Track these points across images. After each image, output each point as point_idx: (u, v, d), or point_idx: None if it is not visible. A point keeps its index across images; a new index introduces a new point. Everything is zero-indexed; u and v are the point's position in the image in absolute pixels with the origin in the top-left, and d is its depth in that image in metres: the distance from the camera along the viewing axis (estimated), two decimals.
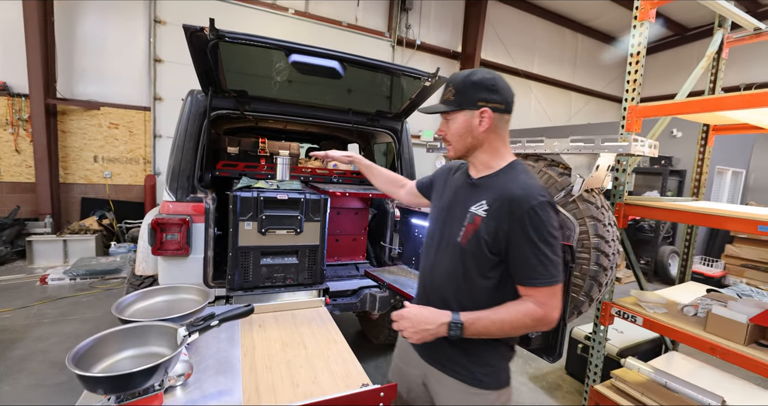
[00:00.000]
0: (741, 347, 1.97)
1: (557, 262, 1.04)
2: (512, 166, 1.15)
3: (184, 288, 1.40)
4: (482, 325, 1.04)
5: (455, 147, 1.17)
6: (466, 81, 1.11)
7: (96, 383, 0.87)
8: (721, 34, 2.76)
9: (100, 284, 4.68)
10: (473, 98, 1.10)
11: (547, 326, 1.05)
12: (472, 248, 1.10)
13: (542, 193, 1.04)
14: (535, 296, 1.04)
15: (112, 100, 5.92)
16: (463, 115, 1.12)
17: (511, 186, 1.07)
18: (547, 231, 1.02)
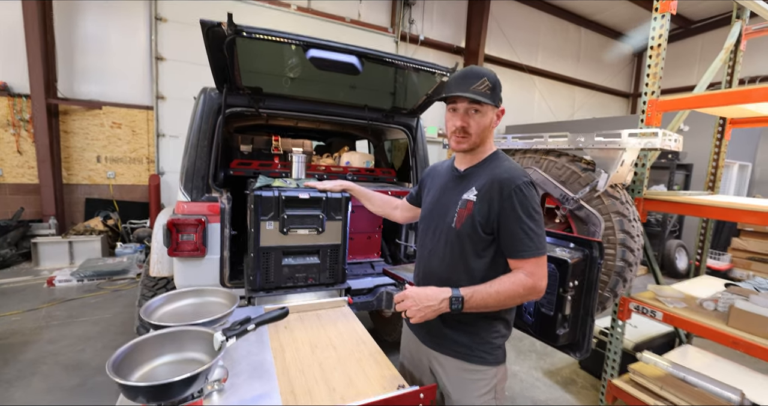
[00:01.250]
0: (766, 341, 1.96)
1: (542, 235, 1.15)
2: (495, 155, 1.27)
3: (210, 291, 1.38)
4: (480, 297, 1.11)
5: (474, 140, 1.22)
6: (496, 80, 1.21)
7: (137, 392, 0.85)
8: (739, 26, 2.73)
9: (107, 284, 4.65)
10: (499, 97, 1.22)
11: (536, 295, 1.14)
12: (467, 230, 1.19)
13: (525, 175, 1.17)
14: (524, 267, 1.14)
15: (114, 100, 5.86)
16: (492, 110, 1.22)
17: (498, 171, 1.18)
18: (532, 208, 1.13)
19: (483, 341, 1.24)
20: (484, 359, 1.24)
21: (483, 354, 1.24)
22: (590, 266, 1.56)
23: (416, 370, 1.42)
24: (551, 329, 1.62)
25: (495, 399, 1.27)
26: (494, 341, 1.25)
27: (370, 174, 2.84)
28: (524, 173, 1.17)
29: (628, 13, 10.36)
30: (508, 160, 1.24)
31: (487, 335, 1.24)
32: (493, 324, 1.24)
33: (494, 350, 1.25)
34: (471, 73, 1.19)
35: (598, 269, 1.57)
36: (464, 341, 1.25)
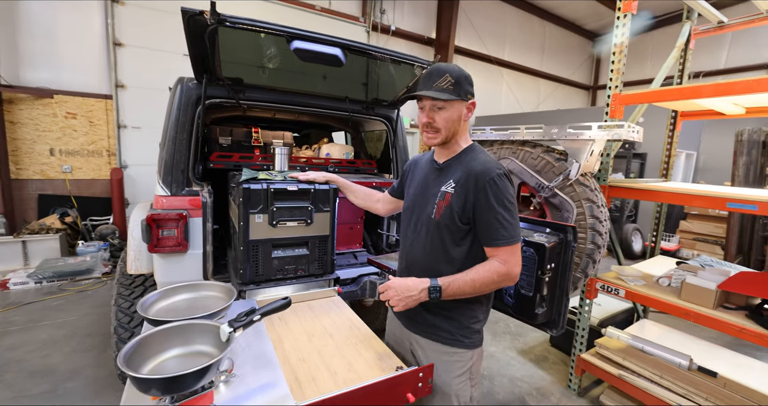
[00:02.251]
0: (711, 310, 2.21)
1: (515, 224, 1.20)
2: (471, 148, 1.32)
3: (206, 285, 1.37)
4: (457, 286, 1.17)
5: (444, 135, 1.27)
6: (461, 74, 1.24)
7: (150, 384, 0.85)
8: (688, 27, 2.96)
9: (70, 285, 4.40)
10: (466, 91, 1.24)
11: (510, 281, 1.20)
12: (446, 221, 1.25)
13: (499, 167, 1.22)
14: (498, 255, 1.19)
15: (67, 88, 5.42)
16: (458, 105, 1.24)
17: (473, 164, 1.24)
18: (505, 198, 1.18)
19: (462, 326, 1.30)
20: (461, 343, 1.31)
21: (461, 338, 1.31)
22: (565, 249, 1.68)
23: (399, 352, 1.49)
24: (530, 308, 1.74)
25: (470, 379, 1.34)
26: (472, 326, 1.32)
27: (352, 165, 2.86)
28: (498, 166, 1.23)
29: (587, 7, 10.82)
30: (483, 153, 1.30)
31: (466, 320, 1.31)
32: (472, 309, 1.31)
33: (472, 335, 1.32)
34: (435, 71, 1.24)
35: (572, 252, 1.70)
36: (444, 326, 1.31)
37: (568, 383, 2.88)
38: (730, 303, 2.31)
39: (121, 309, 2.31)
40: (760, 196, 2.00)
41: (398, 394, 1.16)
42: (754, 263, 4.35)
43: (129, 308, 2.32)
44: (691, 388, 2.36)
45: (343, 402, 1.04)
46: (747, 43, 9.48)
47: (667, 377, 2.44)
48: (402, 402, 1.16)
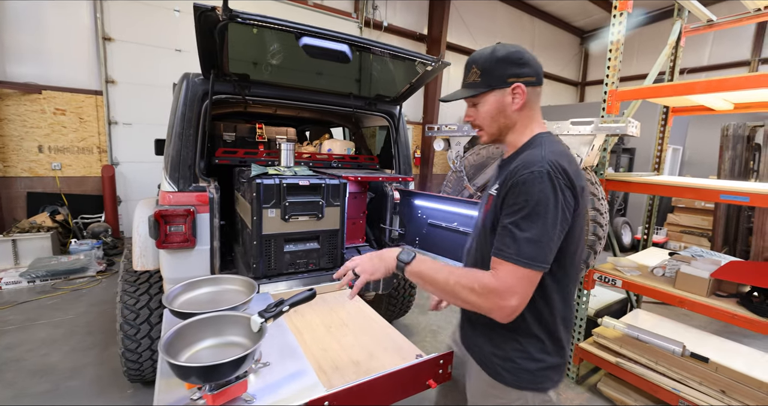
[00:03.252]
0: (704, 298, 2.31)
1: (534, 241, 0.89)
2: (531, 140, 1.06)
3: (227, 279, 1.39)
4: (427, 267, 1.00)
5: (488, 131, 1.11)
6: (491, 58, 1.03)
7: (190, 372, 0.88)
8: (679, 25, 3.05)
9: (64, 284, 4.33)
10: (502, 75, 1.02)
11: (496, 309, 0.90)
12: (487, 227, 1.06)
13: (539, 164, 0.92)
14: (496, 269, 0.93)
15: (55, 83, 5.29)
16: (494, 95, 1.04)
17: (518, 161, 1.00)
18: (531, 202, 0.90)
19: (505, 356, 1.06)
20: (501, 377, 1.06)
21: (502, 370, 1.06)
22: None
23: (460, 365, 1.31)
24: None
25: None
26: (518, 362, 1.04)
27: (354, 161, 2.88)
28: (541, 162, 0.93)
29: (576, 5, 10.97)
30: (538, 147, 1.01)
31: (511, 351, 1.05)
32: (519, 341, 1.04)
33: (518, 372, 1.04)
34: (465, 66, 1.10)
35: None
36: (486, 348, 1.10)
37: (567, 372, 2.98)
38: (721, 291, 2.41)
39: (126, 306, 2.30)
40: (752, 188, 2.10)
41: (420, 381, 1.20)
42: (739, 253, 4.53)
43: (135, 305, 2.31)
44: (685, 373, 2.46)
45: (370, 389, 1.07)
46: (729, 40, 9.76)
47: (662, 364, 2.54)
48: (424, 388, 1.21)
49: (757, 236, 4.28)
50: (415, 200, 2.59)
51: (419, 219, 2.59)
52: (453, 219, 2.33)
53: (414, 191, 2.59)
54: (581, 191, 0.96)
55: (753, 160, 4.44)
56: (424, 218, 2.55)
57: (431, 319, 3.86)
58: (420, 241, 2.60)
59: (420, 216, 2.58)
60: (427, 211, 2.53)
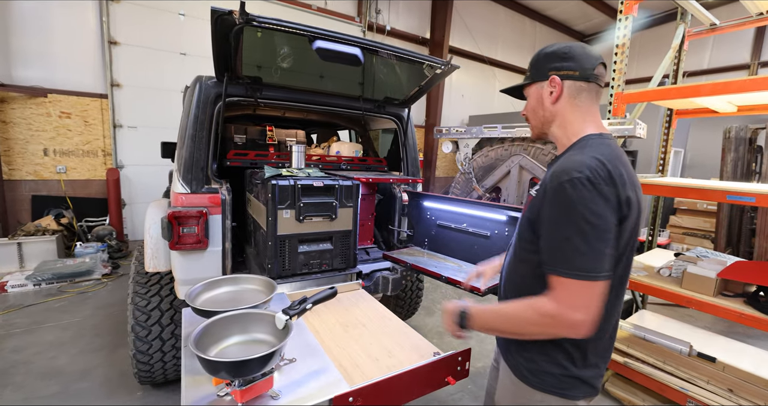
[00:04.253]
0: (711, 298, 2.33)
1: (588, 252, 0.86)
2: (579, 141, 1.01)
3: (246, 278, 1.41)
4: (487, 318, 0.99)
5: (532, 124, 1.12)
6: (540, 54, 1.06)
7: (220, 367, 0.89)
8: (682, 28, 3.09)
9: (70, 287, 4.33)
10: (544, 69, 1.03)
11: (565, 329, 0.88)
12: (522, 229, 1.05)
13: (579, 170, 0.88)
14: (551, 288, 0.90)
15: (61, 87, 5.32)
16: (535, 87, 1.06)
17: (559, 162, 0.97)
18: (577, 212, 0.86)
19: (529, 357, 1.04)
20: (526, 378, 1.05)
21: (524, 371, 1.05)
22: None
23: None
24: None
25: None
26: (544, 367, 1.02)
27: (363, 163, 2.91)
28: (581, 167, 0.89)
29: (576, 9, 11.07)
30: (580, 150, 0.97)
31: (537, 355, 1.03)
32: (547, 349, 1.01)
33: (542, 375, 1.02)
34: None
35: None
36: (512, 347, 1.09)
37: None
38: (728, 291, 2.43)
39: (138, 307, 2.32)
40: (758, 189, 2.13)
41: (439, 377, 1.22)
42: (742, 254, 4.55)
43: (146, 307, 2.32)
44: (693, 372, 2.48)
45: (392, 385, 1.09)
46: (729, 44, 9.84)
47: (669, 363, 2.56)
48: (443, 385, 1.22)
49: (761, 237, 4.31)
50: (424, 202, 2.61)
51: (428, 220, 2.61)
52: (462, 220, 2.35)
53: (423, 193, 2.61)
54: (626, 200, 0.90)
55: (755, 162, 4.47)
56: (433, 220, 2.57)
57: (438, 321, 3.87)
58: (429, 242, 2.62)
59: (429, 217, 2.60)
60: (436, 212, 2.55)
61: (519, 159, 2.07)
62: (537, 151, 2.19)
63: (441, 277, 2.01)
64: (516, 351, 1.07)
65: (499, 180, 3.15)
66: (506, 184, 2.98)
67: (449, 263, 2.32)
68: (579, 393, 1.01)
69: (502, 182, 3.14)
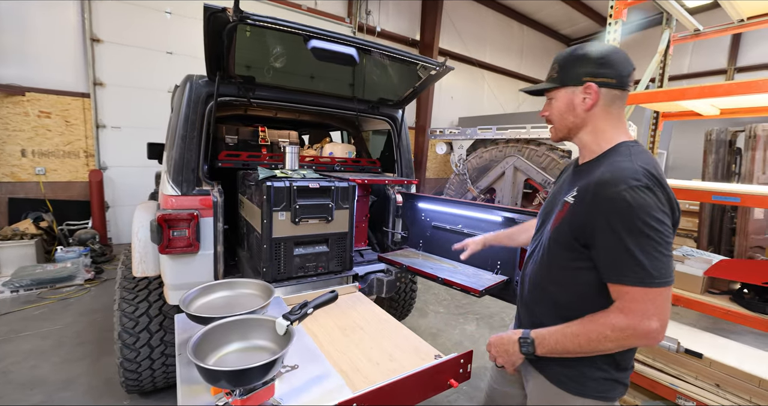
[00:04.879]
0: (699, 295, 2.39)
1: (655, 259, 0.85)
2: (615, 148, 1.00)
3: (242, 283, 1.37)
4: (555, 340, 0.97)
5: (556, 127, 1.10)
6: (570, 56, 1.04)
7: (220, 376, 0.86)
8: (668, 34, 3.17)
9: (50, 293, 4.17)
10: (578, 73, 1.01)
11: (642, 339, 0.87)
12: (558, 235, 1.03)
13: (636, 177, 0.88)
14: (620, 299, 0.89)
15: (40, 85, 5.13)
16: (565, 92, 1.04)
17: (603, 170, 0.94)
18: (640, 220, 0.85)
19: (568, 364, 1.04)
20: (562, 383, 1.05)
21: (563, 377, 1.05)
22: None
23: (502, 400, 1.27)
24: None
25: None
26: (586, 372, 1.02)
27: (357, 164, 2.89)
28: (635, 174, 0.88)
29: (562, 13, 11.29)
30: (625, 156, 0.95)
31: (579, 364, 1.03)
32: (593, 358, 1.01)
33: (587, 382, 1.02)
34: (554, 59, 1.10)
35: None
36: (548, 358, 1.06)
37: None
38: (714, 288, 2.50)
39: (125, 314, 2.24)
40: (742, 189, 2.19)
41: (442, 380, 1.20)
42: (723, 252, 4.69)
43: (134, 313, 2.25)
44: (681, 369, 2.53)
45: (396, 389, 1.07)
46: (707, 50, 10.18)
47: (659, 360, 2.61)
48: (446, 388, 1.21)
49: (740, 236, 4.45)
50: (418, 203, 2.61)
51: (423, 222, 2.60)
52: (457, 221, 2.35)
53: (418, 194, 2.61)
54: (676, 205, 0.94)
55: (735, 164, 4.62)
56: (427, 221, 2.57)
57: (431, 322, 3.87)
58: (424, 243, 2.61)
59: (424, 219, 2.60)
60: (430, 213, 2.54)
61: (513, 160, 2.09)
62: (531, 153, 2.20)
63: (437, 278, 2.01)
64: (552, 362, 1.05)
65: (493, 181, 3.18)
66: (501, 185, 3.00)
67: (445, 264, 2.32)
68: (617, 394, 1.04)
69: (497, 183, 3.17)
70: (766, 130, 4.12)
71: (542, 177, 2.12)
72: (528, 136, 2.20)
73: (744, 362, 2.48)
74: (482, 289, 1.79)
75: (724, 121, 5.18)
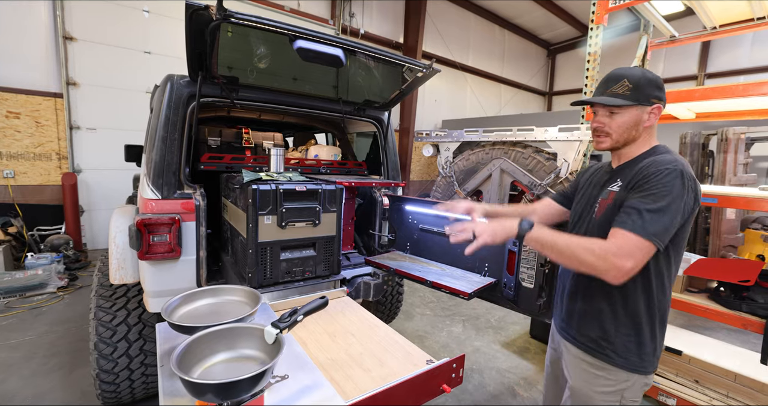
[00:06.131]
0: (680, 294, 2.46)
1: (657, 220, 1.01)
2: (653, 149, 1.20)
3: (227, 289, 1.32)
4: (548, 232, 1.12)
5: (616, 139, 1.21)
6: (644, 77, 1.17)
7: (206, 389, 0.82)
8: (645, 39, 3.28)
9: (19, 302, 3.96)
10: (648, 95, 1.16)
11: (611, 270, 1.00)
12: (605, 219, 1.17)
13: (676, 164, 1.07)
14: (613, 236, 1.05)
15: (7, 84, 4.88)
16: (636, 110, 1.17)
17: (647, 162, 1.14)
18: (662, 189, 1.03)
19: (609, 339, 1.19)
20: (609, 358, 1.18)
21: (610, 352, 1.19)
22: None
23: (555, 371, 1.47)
24: (531, 300, 1.85)
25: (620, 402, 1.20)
26: (626, 345, 1.17)
27: (343, 167, 2.86)
28: (677, 163, 1.08)
29: (543, 18, 11.56)
30: (664, 154, 1.16)
31: (615, 334, 1.18)
32: (623, 324, 1.17)
33: (626, 354, 1.17)
34: (612, 77, 1.21)
35: None
36: (592, 333, 1.22)
37: None
38: (692, 287, 2.58)
39: (101, 323, 2.14)
40: (719, 191, 2.27)
41: (435, 386, 1.19)
42: (698, 251, 4.86)
43: (111, 322, 2.15)
44: (662, 366, 2.60)
45: (389, 397, 1.05)
46: (678, 56, 10.60)
47: None
48: (438, 393, 1.19)
49: (714, 236, 4.63)
50: (405, 205, 2.59)
51: (410, 224, 2.59)
52: (444, 224, 2.34)
53: (405, 197, 2.60)
54: (699, 196, 1.10)
55: (708, 166, 4.81)
56: (414, 223, 2.56)
57: (418, 325, 3.86)
58: (411, 246, 2.60)
59: (411, 221, 2.58)
60: (417, 216, 2.53)
61: (500, 162, 2.11)
62: (518, 155, 2.23)
63: (426, 281, 1.99)
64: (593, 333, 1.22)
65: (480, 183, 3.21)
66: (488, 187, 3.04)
67: (432, 267, 2.31)
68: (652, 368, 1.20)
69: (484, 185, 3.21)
70: (736, 134, 4.30)
71: (528, 179, 2.14)
72: (514, 139, 2.22)
73: (720, 357, 2.57)
74: (471, 291, 1.78)
75: (696, 125, 5.38)
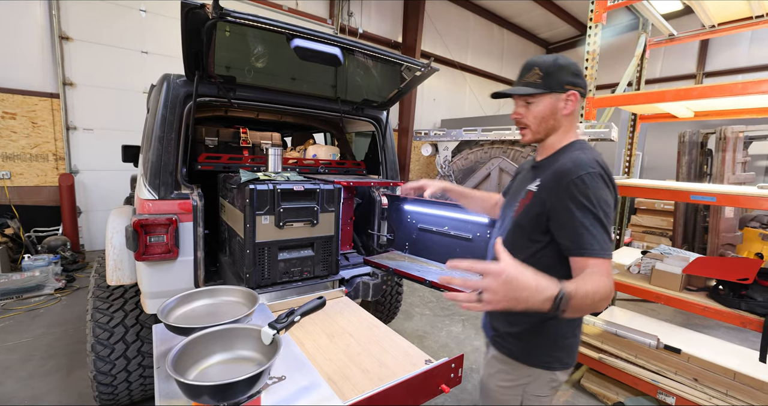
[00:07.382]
0: (678, 293, 2.45)
1: (600, 236, 0.97)
2: (571, 144, 1.16)
3: (224, 290, 1.31)
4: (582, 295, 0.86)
5: (535, 130, 1.17)
6: (554, 64, 1.11)
7: (202, 391, 0.81)
8: (644, 38, 3.27)
9: (16, 304, 3.94)
10: (561, 81, 1.10)
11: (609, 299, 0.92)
12: (522, 220, 1.13)
13: (592, 166, 1.02)
14: (587, 268, 0.95)
15: (3, 85, 4.85)
16: (550, 98, 1.12)
17: (563, 161, 1.08)
18: (593, 202, 0.98)
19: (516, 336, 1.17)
20: (509, 351, 1.18)
21: (511, 346, 1.18)
22: None
23: None
24: None
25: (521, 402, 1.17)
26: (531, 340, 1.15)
27: (341, 166, 2.85)
28: (592, 164, 1.03)
29: (541, 17, 11.56)
30: (581, 150, 1.11)
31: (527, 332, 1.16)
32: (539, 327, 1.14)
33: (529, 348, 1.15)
34: (525, 66, 1.16)
35: None
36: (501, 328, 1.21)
37: None
38: (691, 285, 2.57)
39: (99, 324, 2.13)
40: (717, 189, 2.27)
41: (434, 386, 1.18)
42: (697, 249, 4.87)
43: (108, 323, 2.14)
44: (661, 364, 2.59)
45: (387, 397, 1.04)
46: (677, 55, 10.61)
47: (641, 357, 2.66)
48: (437, 394, 1.19)
49: (712, 234, 4.63)
50: (404, 205, 2.59)
51: (409, 224, 2.58)
52: (443, 223, 2.34)
53: (401, 196, 2.59)
54: (617, 190, 1.11)
55: (706, 164, 4.81)
56: (413, 223, 2.55)
57: (417, 324, 3.86)
58: (410, 246, 2.59)
59: (410, 221, 2.58)
60: (416, 215, 2.53)
61: (499, 162, 2.10)
62: (516, 154, 2.22)
63: (425, 281, 1.99)
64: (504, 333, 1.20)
65: (479, 183, 3.21)
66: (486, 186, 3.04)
67: (432, 266, 2.30)
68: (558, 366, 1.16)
69: (483, 185, 3.21)
70: (734, 133, 4.31)
71: None
72: (513, 138, 2.21)
73: (719, 355, 2.57)
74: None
75: (695, 124, 5.39)
